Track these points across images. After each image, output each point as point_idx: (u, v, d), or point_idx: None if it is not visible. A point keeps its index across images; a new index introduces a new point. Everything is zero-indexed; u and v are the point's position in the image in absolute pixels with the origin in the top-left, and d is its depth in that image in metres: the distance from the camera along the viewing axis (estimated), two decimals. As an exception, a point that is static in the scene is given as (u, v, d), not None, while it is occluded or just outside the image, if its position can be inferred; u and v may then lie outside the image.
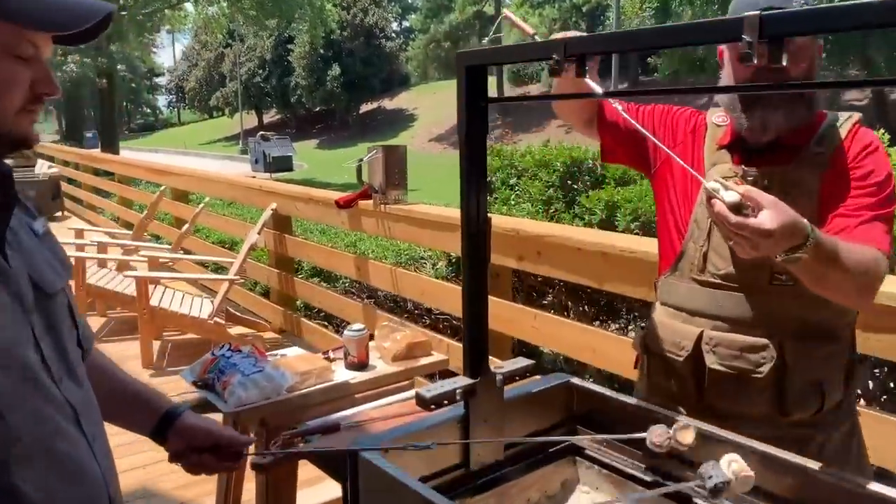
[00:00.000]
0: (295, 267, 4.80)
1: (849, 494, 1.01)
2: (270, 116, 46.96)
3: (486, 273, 1.24)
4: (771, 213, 1.06)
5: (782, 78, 1.28)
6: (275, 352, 2.17)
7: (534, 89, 32.54)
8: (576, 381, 1.42)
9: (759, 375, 1.33)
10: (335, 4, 29.26)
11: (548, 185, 3.79)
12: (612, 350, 2.32)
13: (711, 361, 1.36)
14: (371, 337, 2.12)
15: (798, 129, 1.35)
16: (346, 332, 2.03)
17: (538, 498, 1.29)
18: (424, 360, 2.14)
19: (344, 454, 1.15)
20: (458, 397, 1.20)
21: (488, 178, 4.32)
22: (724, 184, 1.08)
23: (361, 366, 2.03)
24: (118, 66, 26.44)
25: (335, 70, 36.92)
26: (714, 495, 1.00)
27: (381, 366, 2.08)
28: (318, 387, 1.92)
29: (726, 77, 1.40)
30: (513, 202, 3.97)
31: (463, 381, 1.21)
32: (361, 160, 3.30)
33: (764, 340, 1.32)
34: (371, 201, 3.39)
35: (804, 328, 1.33)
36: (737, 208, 1.06)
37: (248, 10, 20.61)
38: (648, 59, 27.36)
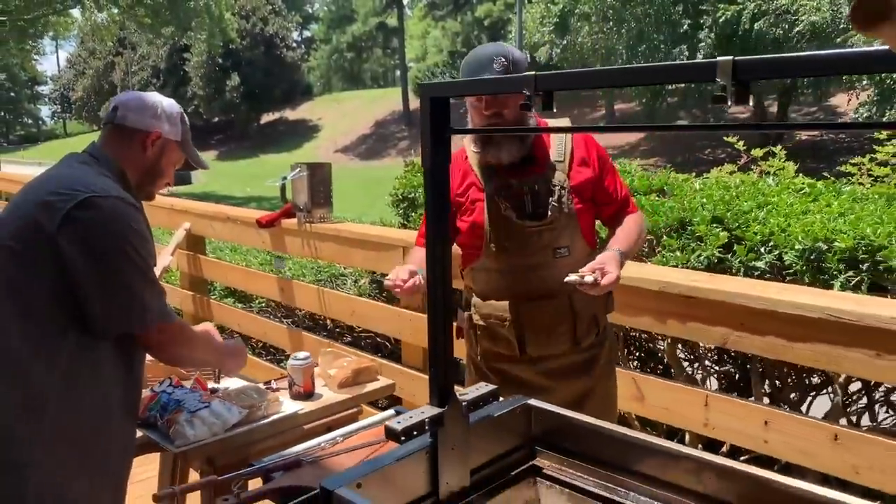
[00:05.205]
0: (207, 288, 4.62)
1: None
2: (166, 128, 44.94)
3: (451, 302, 1.25)
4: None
5: (505, 122, 1.75)
6: (215, 385, 2.08)
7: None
8: (534, 402, 1.45)
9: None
10: (234, 14, 28.47)
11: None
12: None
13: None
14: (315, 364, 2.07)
15: (531, 149, 1.80)
16: (290, 360, 1.97)
17: (505, 521, 1.31)
18: (371, 387, 2.11)
19: (315, 492, 1.12)
20: (426, 427, 1.20)
21: (412, 195, 4.35)
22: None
23: (307, 395, 1.98)
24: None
25: (234, 80, 35.85)
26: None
27: (326, 394, 2.03)
28: (265, 421, 1.86)
29: (470, 121, 1.83)
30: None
31: (430, 410, 1.21)
32: (285, 178, 3.23)
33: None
34: (294, 220, 3.33)
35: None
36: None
37: (143, 17, 19.73)
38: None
